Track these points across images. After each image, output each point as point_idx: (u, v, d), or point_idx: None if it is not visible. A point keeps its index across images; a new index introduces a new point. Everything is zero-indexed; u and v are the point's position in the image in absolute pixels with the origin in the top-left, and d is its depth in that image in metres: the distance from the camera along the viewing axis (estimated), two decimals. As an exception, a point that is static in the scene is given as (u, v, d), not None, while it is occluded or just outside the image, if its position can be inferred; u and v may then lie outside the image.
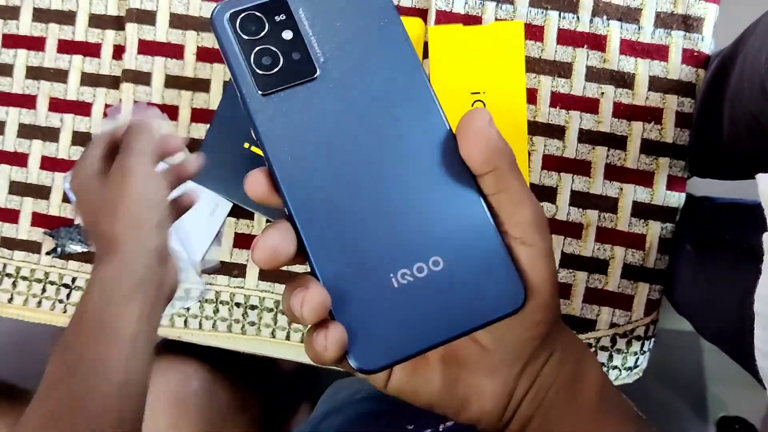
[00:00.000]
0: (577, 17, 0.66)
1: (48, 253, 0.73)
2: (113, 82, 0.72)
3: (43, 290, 0.73)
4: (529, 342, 0.32)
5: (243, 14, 0.29)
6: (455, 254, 0.29)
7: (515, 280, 0.29)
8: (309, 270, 0.29)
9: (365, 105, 0.29)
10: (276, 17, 0.29)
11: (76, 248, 0.72)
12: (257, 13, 0.29)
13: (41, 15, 0.73)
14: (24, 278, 0.74)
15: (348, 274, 0.29)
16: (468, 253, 0.29)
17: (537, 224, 0.30)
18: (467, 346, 0.32)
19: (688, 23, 0.66)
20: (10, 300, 0.74)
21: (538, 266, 0.30)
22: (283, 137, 0.29)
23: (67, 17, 0.73)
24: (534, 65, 0.67)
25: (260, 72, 0.29)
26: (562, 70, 0.67)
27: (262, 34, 0.29)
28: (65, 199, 0.73)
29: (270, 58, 0.29)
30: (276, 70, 0.29)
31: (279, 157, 0.29)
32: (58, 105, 0.73)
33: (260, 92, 0.29)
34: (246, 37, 0.29)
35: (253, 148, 0.61)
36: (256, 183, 0.29)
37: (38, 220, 0.73)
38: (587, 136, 0.67)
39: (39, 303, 0.74)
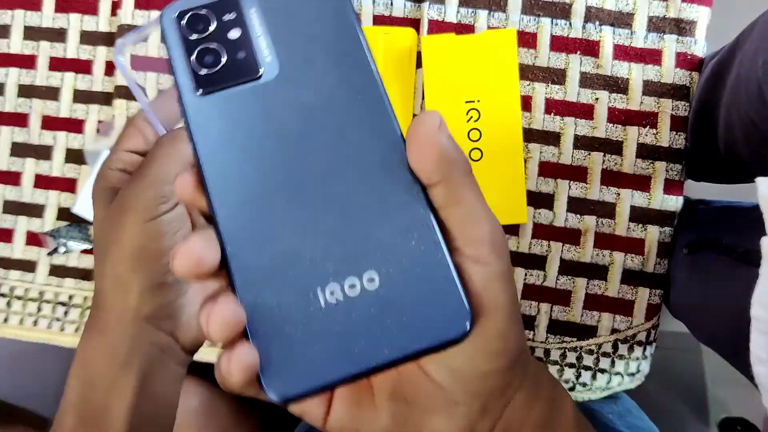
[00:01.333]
0: (570, 23, 0.66)
1: (49, 254, 0.72)
2: (106, 99, 0.72)
3: (39, 309, 0.73)
4: (488, 377, 0.28)
5: (191, 13, 0.28)
6: (394, 270, 0.26)
7: (461, 303, 0.26)
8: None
9: (309, 108, 0.27)
10: (225, 16, 0.28)
11: (78, 246, 0.71)
12: (204, 12, 0.28)
13: (32, 33, 0.73)
14: (18, 298, 0.73)
15: (270, 288, 0.25)
16: (408, 270, 0.26)
17: (493, 242, 0.27)
18: (418, 381, 0.28)
19: (681, 27, 0.66)
20: (6, 320, 0.73)
21: (492, 289, 0.26)
22: (215, 137, 0.26)
23: (58, 35, 0.72)
24: (528, 72, 0.67)
25: (201, 71, 0.27)
26: (556, 76, 0.67)
27: (208, 32, 0.28)
28: (60, 217, 0.72)
29: (212, 56, 0.27)
30: (217, 68, 0.27)
31: (208, 157, 0.26)
32: (50, 123, 0.72)
33: (199, 90, 0.27)
34: (191, 37, 0.27)
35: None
36: (182, 183, 0.26)
37: (33, 239, 0.73)
38: (583, 142, 0.67)
39: (35, 322, 0.73)
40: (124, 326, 0.37)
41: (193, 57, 0.27)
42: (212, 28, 0.28)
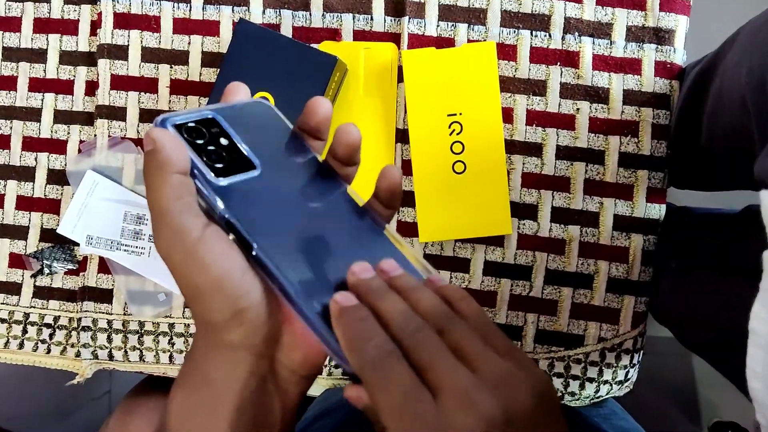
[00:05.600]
0: (549, 35, 0.67)
1: (33, 276, 0.71)
2: (87, 119, 0.71)
3: (24, 331, 0.72)
4: None
5: (188, 124, 0.35)
6: None
7: None
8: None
9: (291, 186, 0.37)
10: (212, 128, 0.36)
11: (62, 267, 0.71)
12: (196, 125, 0.36)
13: (11, 54, 0.72)
14: (3, 320, 0.72)
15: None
16: None
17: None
18: None
19: (660, 36, 0.66)
20: (-9, 343, 0.73)
21: None
22: (239, 204, 0.34)
23: (37, 55, 0.72)
24: (509, 84, 0.67)
25: (215, 165, 0.35)
26: (537, 88, 0.67)
27: (206, 139, 0.35)
28: (43, 238, 0.72)
29: (217, 156, 0.35)
30: (224, 164, 0.35)
31: (242, 219, 0.34)
32: (32, 144, 0.72)
33: (219, 178, 0.34)
34: (198, 141, 0.35)
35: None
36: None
37: (16, 261, 0.72)
38: (565, 153, 0.67)
39: (21, 344, 0.72)
40: (217, 367, 0.35)
41: (203, 155, 0.35)
42: (207, 137, 0.36)
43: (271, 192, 0.36)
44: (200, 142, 0.35)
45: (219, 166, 0.35)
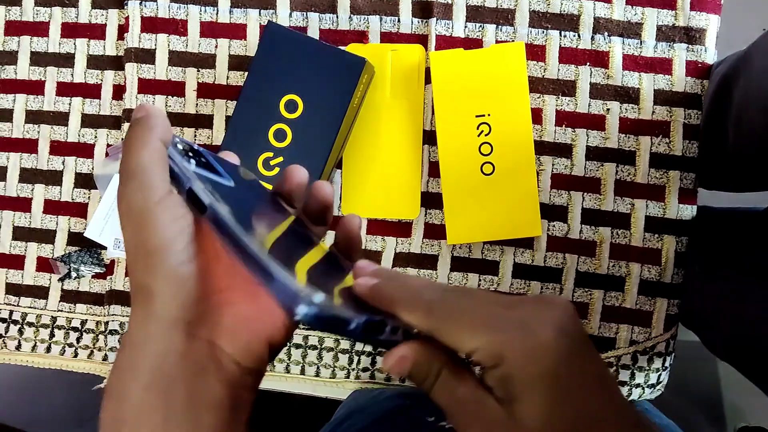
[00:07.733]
0: (578, 35, 0.66)
1: (60, 280, 0.72)
2: (114, 123, 0.71)
3: (51, 335, 0.72)
4: None
5: (186, 146, 0.38)
6: None
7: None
8: None
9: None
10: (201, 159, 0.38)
11: (90, 270, 0.71)
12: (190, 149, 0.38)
13: (39, 59, 0.72)
14: (30, 324, 0.73)
15: None
16: None
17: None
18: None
19: (690, 35, 0.66)
20: (18, 347, 0.73)
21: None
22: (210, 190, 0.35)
23: (65, 59, 0.72)
24: (538, 85, 0.67)
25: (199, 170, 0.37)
26: (566, 88, 0.66)
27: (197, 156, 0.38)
28: (71, 242, 0.72)
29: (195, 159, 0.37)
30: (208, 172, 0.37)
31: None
32: (59, 148, 0.72)
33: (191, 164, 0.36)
34: (190, 154, 0.37)
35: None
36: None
37: (44, 264, 0.72)
38: (595, 153, 0.66)
39: (48, 348, 0.73)
40: (147, 337, 0.32)
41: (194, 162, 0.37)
42: (192, 154, 0.38)
43: (234, 198, 0.37)
44: (191, 155, 0.38)
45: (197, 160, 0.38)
